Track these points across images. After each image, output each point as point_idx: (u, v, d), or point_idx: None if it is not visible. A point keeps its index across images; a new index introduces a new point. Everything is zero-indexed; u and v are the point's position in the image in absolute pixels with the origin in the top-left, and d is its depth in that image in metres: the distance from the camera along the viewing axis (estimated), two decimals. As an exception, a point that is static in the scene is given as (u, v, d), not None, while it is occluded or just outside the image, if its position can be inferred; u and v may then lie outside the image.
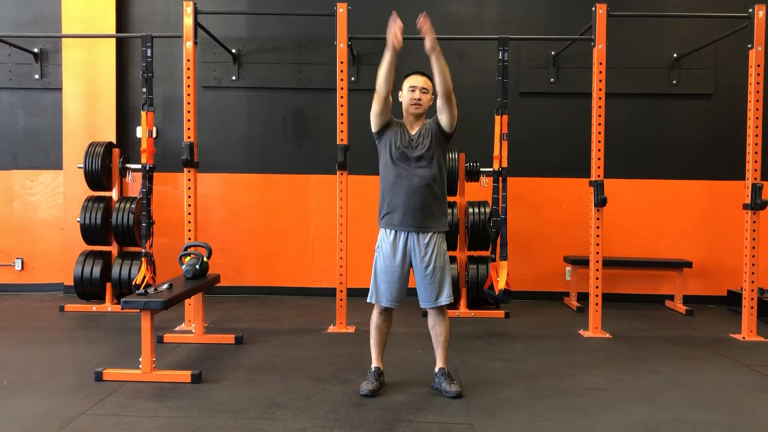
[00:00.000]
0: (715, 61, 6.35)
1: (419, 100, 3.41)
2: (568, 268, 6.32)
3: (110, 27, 6.44)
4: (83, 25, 6.37)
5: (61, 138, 6.49)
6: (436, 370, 3.51)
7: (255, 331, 4.93)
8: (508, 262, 5.24)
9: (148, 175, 5.44)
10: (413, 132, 3.45)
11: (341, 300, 4.98)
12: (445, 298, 3.40)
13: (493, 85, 5.44)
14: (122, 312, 5.47)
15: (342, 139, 4.94)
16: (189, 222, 4.94)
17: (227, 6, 6.49)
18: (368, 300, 3.47)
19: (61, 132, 6.49)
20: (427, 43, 3.29)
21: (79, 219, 5.80)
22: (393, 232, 3.39)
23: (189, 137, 4.93)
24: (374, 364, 3.53)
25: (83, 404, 3.25)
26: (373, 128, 3.46)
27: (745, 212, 4.89)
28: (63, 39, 6.45)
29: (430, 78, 3.42)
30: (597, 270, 4.92)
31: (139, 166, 5.65)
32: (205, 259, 4.34)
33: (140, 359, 3.63)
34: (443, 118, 3.41)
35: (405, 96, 3.45)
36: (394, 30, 3.35)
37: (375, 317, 3.51)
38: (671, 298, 6.23)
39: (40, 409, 3.18)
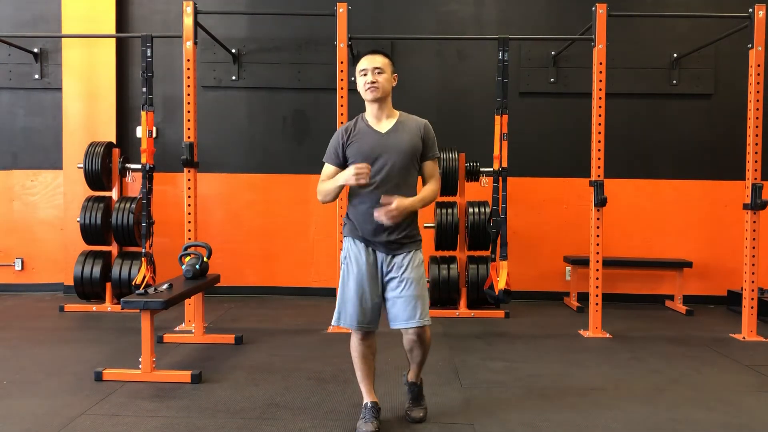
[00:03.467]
0: (715, 61, 6.35)
1: (374, 82, 2.82)
2: (568, 268, 6.32)
3: (110, 27, 6.44)
4: (83, 25, 6.37)
5: (61, 138, 6.49)
6: (409, 381, 3.11)
7: (255, 331, 4.93)
8: (508, 262, 5.23)
9: (148, 175, 5.44)
10: (382, 129, 2.89)
11: (341, 300, 4.98)
12: (419, 318, 2.84)
13: (493, 85, 5.44)
14: (122, 312, 5.47)
15: (342, 139, 4.93)
16: (189, 222, 4.94)
17: (227, 6, 6.49)
18: (333, 323, 2.92)
19: (61, 132, 6.49)
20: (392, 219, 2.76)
21: (79, 219, 5.80)
22: (363, 244, 2.89)
23: (189, 137, 4.93)
24: (367, 398, 2.96)
25: (83, 404, 3.25)
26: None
27: (745, 212, 4.89)
28: (63, 39, 6.45)
29: (388, 55, 2.92)
30: (597, 270, 4.92)
31: (139, 166, 5.65)
32: (205, 259, 4.34)
33: (140, 359, 3.63)
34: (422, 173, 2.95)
35: (359, 83, 2.89)
36: (362, 176, 2.73)
37: (355, 344, 2.93)
38: (671, 298, 6.22)
39: (40, 409, 3.18)
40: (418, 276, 2.87)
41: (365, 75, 2.85)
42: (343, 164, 2.91)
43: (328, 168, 2.95)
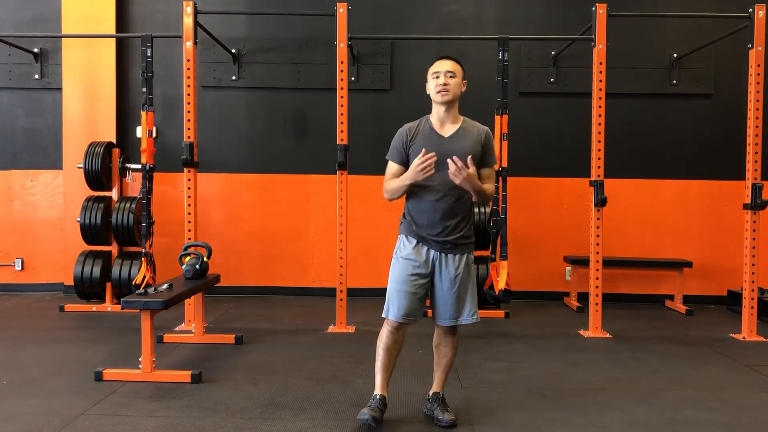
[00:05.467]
0: (715, 61, 6.35)
1: (446, 85, 2.91)
2: (568, 268, 6.32)
3: (110, 27, 6.44)
4: (83, 25, 6.37)
5: (61, 138, 6.49)
6: (430, 394, 3.13)
7: (255, 331, 4.93)
8: (508, 262, 5.24)
9: (148, 175, 5.44)
10: (446, 133, 2.97)
11: (341, 300, 4.98)
12: (467, 316, 2.98)
13: (493, 85, 5.45)
14: (122, 312, 5.47)
15: (342, 139, 4.94)
16: (189, 222, 4.94)
17: (227, 6, 6.49)
18: (383, 314, 3.01)
19: (61, 132, 6.49)
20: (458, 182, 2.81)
21: (79, 219, 5.80)
22: (416, 241, 2.96)
23: (189, 137, 4.93)
24: (378, 391, 3.01)
25: (83, 404, 3.25)
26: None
27: (745, 212, 4.89)
28: (63, 39, 6.45)
29: (459, 62, 3.00)
30: (597, 270, 4.92)
31: (139, 166, 5.65)
32: (205, 259, 4.34)
33: (140, 359, 3.63)
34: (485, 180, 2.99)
35: (430, 85, 2.98)
36: (427, 168, 2.79)
37: (384, 335, 3.00)
38: (671, 298, 6.22)
39: (40, 409, 3.18)
40: (469, 277, 2.99)
41: (437, 78, 2.93)
42: (407, 162, 2.96)
43: (393, 166, 3.01)
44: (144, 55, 5.37)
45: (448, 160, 2.77)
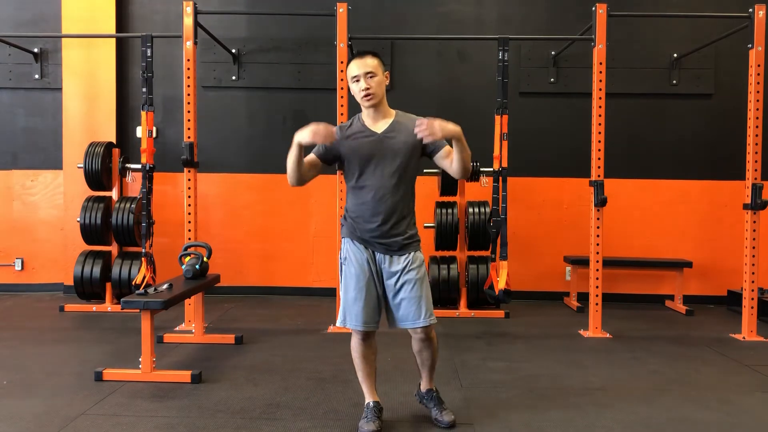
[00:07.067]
0: (715, 61, 6.35)
1: (368, 89, 2.78)
2: (568, 268, 6.32)
3: (110, 27, 6.44)
4: (83, 25, 6.37)
5: (61, 138, 6.49)
6: (424, 391, 3.11)
7: (255, 331, 4.93)
8: (508, 262, 5.24)
9: (148, 175, 5.44)
10: (379, 129, 2.86)
11: (341, 300, 4.98)
12: (430, 315, 2.86)
13: (493, 85, 5.45)
14: (122, 312, 5.47)
15: (342, 139, 4.93)
16: (189, 222, 4.94)
17: (227, 6, 6.49)
18: (339, 324, 2.93)
19: (61, 132, 6.49)
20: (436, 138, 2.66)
21: (79, 219, 5.80)
22: (361, 245, 2.89)
23: (189, 137, 4.93)
24: (369, 398, 2.99)
25: (83, 404, 3.25)
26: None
27: (745, 212, 4.89)
28: (63, 39, 6.45)
29: (375, 54, 2.86)
30: (597, 270, 4.92)
31: (139, 166, 5.65)
32: (205, 259, 4.34)
33: (140, 359, 3.63)
34: (443, 163, 2.86)
35: (352, 89, 2.86)
36: (319, 133, 2.73)
37: (357, 345, 2.94)
38: (671, 298, 6.22)
39: (40, 409, 3.18)
40: (421, 276, 2.86)
41: (358, 81, 2.81)
42: (329, 160, 2.98)
43: (310, 156, 2.99)
44: (144, 55, 5.37)
45: (417, 123, 2.63)
